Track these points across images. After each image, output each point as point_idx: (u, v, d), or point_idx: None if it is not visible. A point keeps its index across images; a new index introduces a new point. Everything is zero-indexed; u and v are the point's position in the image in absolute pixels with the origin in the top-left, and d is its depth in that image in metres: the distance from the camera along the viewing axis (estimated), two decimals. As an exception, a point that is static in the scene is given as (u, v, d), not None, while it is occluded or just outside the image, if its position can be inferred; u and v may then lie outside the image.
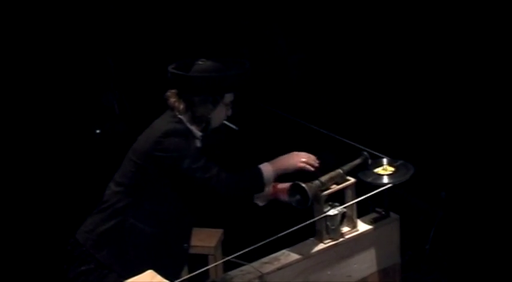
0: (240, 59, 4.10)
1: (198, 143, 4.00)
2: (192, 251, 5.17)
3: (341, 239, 4.01)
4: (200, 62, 3.97)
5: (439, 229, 5.57)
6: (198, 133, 3.98)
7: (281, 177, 4.00)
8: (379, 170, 4.14)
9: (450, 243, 5.54)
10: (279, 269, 3.84)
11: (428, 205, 5.71)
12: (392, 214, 4.19)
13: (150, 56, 6.39)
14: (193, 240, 5.19)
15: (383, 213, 4.17)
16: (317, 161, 4.01)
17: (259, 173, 3.94)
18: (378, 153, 4.20)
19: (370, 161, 4.15)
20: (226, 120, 4.05)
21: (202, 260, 5.08)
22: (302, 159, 3.99)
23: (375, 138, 5.69)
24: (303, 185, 3.83)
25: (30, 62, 6.24)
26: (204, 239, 5.22)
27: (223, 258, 4.97)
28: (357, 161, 4.12)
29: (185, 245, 4.17)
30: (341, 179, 4.01)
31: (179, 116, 3.94)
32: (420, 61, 5.78)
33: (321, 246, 3.96)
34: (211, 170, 3.85)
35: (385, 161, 4.20)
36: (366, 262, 4.11)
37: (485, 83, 5.47)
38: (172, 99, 3.97)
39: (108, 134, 6.39)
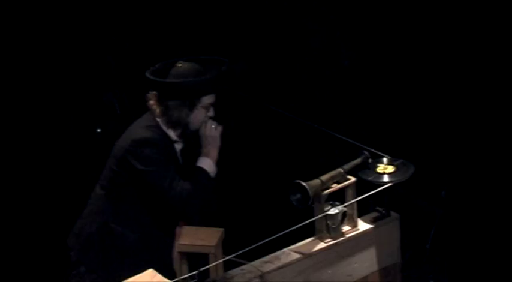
0: (221, 58, 4.05)
1: (179, 145, 3.97)
2: (193, 250, 5.20)
3: (341, 238, 4.00)
4: (178, 65, 3.91)
5: (440, 228, 5.57)
6: (175, 137, 3.94)
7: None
8: (379, 169, 4.14)
9: (450, 242, 5.54)
10: (279, 268, 3.84)
11: (428, 204, 5.71)
12: (392, 213, 4.19)
13: (151, 54, 6.38)
14: (194, 239, 5.21)
15: (383, 212, 4.16)
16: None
17: (207, 174, 3.89)
18: (378, 152, 4.21)
19: (370, 160, 4.15)
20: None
21: (203, 259, 5.08)
22: (212, 127, 3.94)
23: (375, 137, 5.69)
24: (304, 183, 3.83)
25: (31, 61, 6.24)
26: (205, 238, 5.22)
27: (223, 257, 4.98)
28: (357, 160, 4.12)
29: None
30: (341, 178, 4.01)
31: (157, 119, 3.92)
32: (421, 60, 5.78)
33: (321, 245, 3.96)
34: (175, 189, 3.81)
35: (385, 160, 4.20)
36: (367, 261, 4.11)
37: (485, 82, 5.47)
38: (151, 102, 3.94)
39: (108, 133, 6.39)
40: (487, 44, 5.41)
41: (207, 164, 3.91)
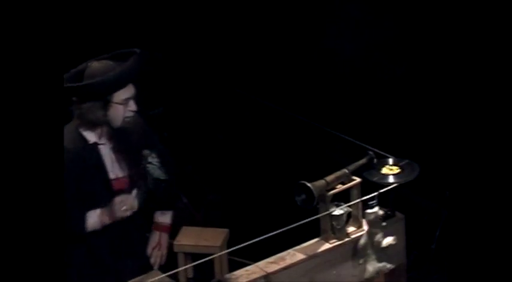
0: (132, 49, 3.91)
1: (107, 145, 3.89)
2: (197, 250, 5.19)
3: (346, 239, 4.00)
4: (89, 65, 3.83)
5: (445, 229, 5.56)
6: (94, 139, 3.86)
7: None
8: (384, 170, 4.13)
9: (456, 242, 5.52)
10: (284, 268, 3.83)
11: (433, 204, 5.70)
12: (397, 214, 4.18)
13: (155, 52, 6.38)
14: (199, 240, 5.21)
15: (388, 212, 4.16)
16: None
17: None
18: (383, 153, 4.20)
19: (375, 161, 4.15)
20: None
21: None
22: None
23: (380, 137, 5.69)
24: (309, 184, 3.82)
25: (33, 60, 6.23)
26: (210, 239, 5.21)
27: (228, 258, 4.98)
28: (362, 161, 4.11)
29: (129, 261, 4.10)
30: (346, 179, 4.00)
31: (76, 121, 3.86)
32: (424, 60, 5.78)
33: (326, 246, 3.96)
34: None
35: (390, 160, 4.19)
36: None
37: (489, 82, 5.46)
38: (74, 105, 3.87)
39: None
40: (494, 45, 5.40)
41: None
